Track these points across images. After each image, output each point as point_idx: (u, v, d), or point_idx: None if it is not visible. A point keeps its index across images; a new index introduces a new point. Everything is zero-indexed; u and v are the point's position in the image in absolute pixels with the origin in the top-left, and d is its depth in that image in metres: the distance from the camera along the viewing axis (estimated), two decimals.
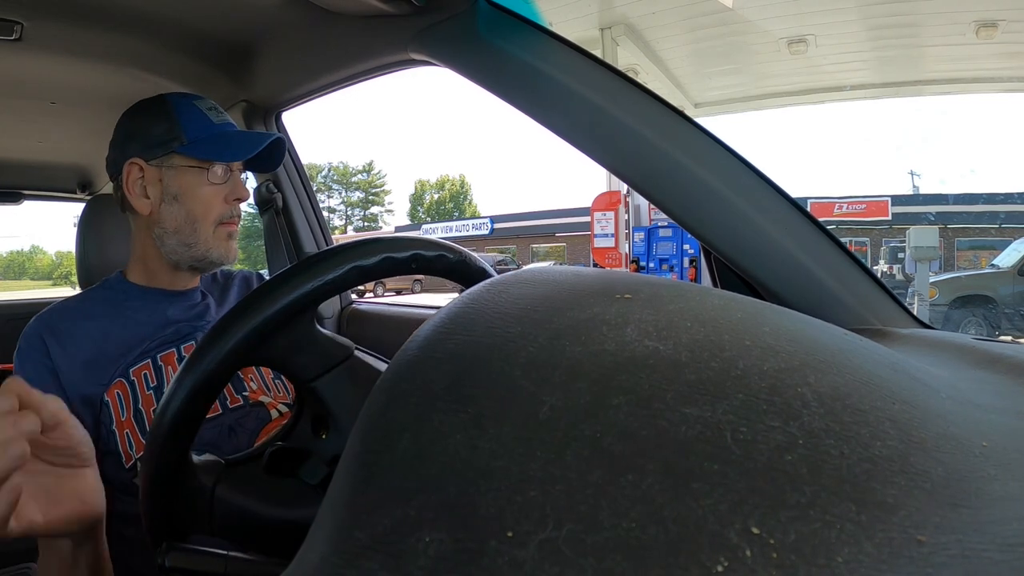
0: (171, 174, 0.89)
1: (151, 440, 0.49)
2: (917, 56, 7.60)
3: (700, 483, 0.22)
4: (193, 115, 0.91)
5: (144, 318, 0.92)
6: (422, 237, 0.56)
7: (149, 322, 0.92)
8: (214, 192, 0.91)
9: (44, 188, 2.16)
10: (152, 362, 0.88)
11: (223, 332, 0.48)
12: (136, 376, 0.87)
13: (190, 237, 0.90)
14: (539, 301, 0.32)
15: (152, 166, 0.90)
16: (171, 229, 0.90)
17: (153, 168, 0.90)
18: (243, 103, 1.36)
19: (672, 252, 7.43)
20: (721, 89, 8.89)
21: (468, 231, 25.17)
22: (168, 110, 0.91)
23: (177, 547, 0.51)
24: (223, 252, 0.93)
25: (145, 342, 0.90)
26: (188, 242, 0.91)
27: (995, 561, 0.20)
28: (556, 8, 6.69)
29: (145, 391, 0.86)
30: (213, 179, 0.90)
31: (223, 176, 0.91)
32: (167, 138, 0.89)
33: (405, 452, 0.25)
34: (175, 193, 0.89)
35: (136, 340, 0.89)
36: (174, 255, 0.92)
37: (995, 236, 14.55)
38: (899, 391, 0.29)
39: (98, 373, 0.86)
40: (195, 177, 0.89)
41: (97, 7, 1.03)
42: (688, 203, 0.71)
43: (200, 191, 0.90)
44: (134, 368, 0.87)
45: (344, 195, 41.58)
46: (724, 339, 0.29)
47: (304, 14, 1.01)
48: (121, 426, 0.84)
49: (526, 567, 0.20)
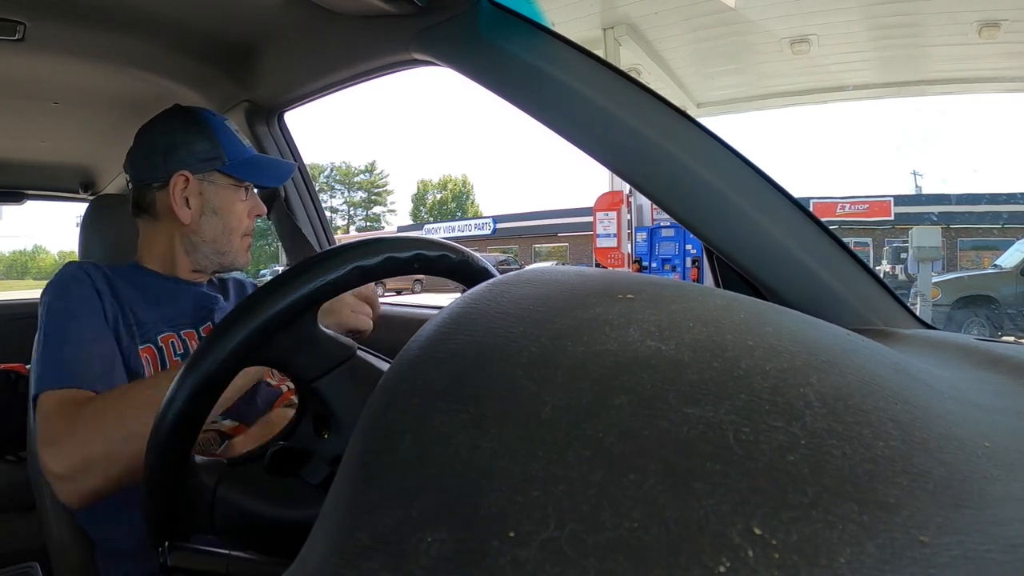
0: (211, 189, 0.98)
1: (153, 440, 0.49)
2: (919, 56, 7.58)
3: (702, 483, 0.22)
4: (230, 137, 1.01)
5: (165, 298, 0.99)
6: (424, 237, 0.56)
7: (170, 302, 0.98)
8: (243, 209, 1.02)
9: (46, 188, 2.16)
10: (177, 335, 0.95)
11: (225, 332, 0.48)
12: (164, 343, 0.94)
13: (224, 247, 1.01)
14: (541, 301, 0.32)
15: (196, 179, 0.98)
16: (208, 239, 1.00)
17: (197, 182, 0.98)
18: (245, 103, 1.37)
19: (674, 252, 7.43)
20: (723, 89, 8.88)
21: (470, 231, 25.16)
22: (208, 129, 0.99)
23: (179, 547, 0.51)
24: (245, 260, 1.05)
25: (168, 317, 0.96)
26: (222, 251, 1.01)
27: (997, 562, 0.20)
28: (558, 8, 6.69)
29: (173, 357, 0.93)
30: (243, 197, 1.01)
31: (247, 195, 1.03)
32: (211, 156, 0.98)
33: (407, 452, 0.25)
34: (215, 207, 0.99)
35: (159, 315, 0.95)
36: (204, 260, 1.01)
37: (998, 236, 14.51)
38: (901, 391, 0.29)
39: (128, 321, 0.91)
40: (233, 194, 1.00)
41: (99, 8, 1.03)
42: (690, 203, 0.71)
43: (235, 207, 1.00)
44: (162, 336, 0.94)
45: (347, 195, 41.62)
46: (726, 339, 0.29)
47: (306, 14, 1.01)
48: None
49: (528, 567, 0.20)
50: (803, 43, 7.30)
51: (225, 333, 0.48)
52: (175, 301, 0.98)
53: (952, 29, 6.72)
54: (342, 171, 41.58)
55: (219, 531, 0.52)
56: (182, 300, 0.99)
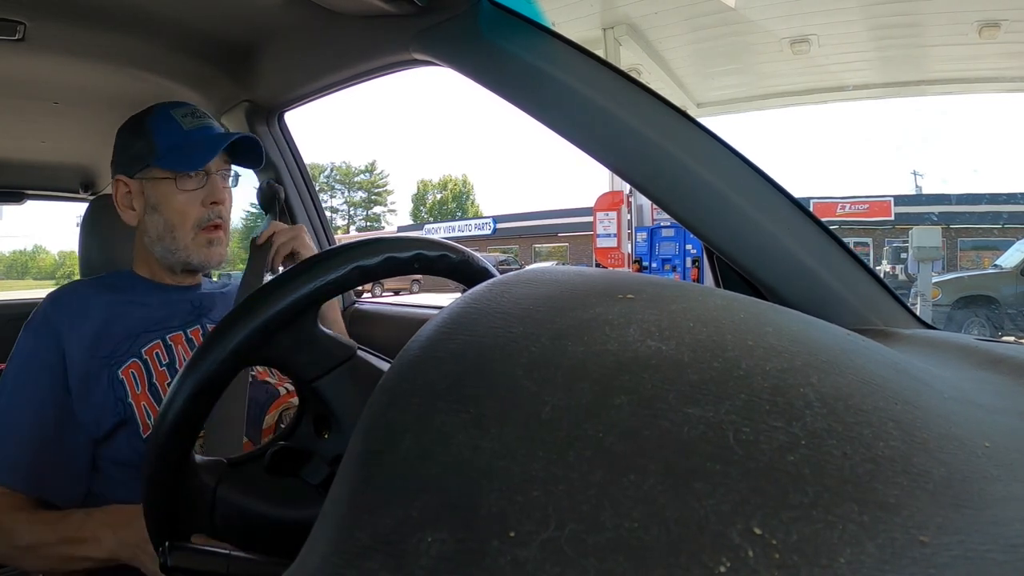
0: (150, 186, 0.95)
1: (153, 440, 0.49)
2: (920, 56, 7.58)
3: (702, 483, 0.22)
4: (165, 126, 0.95)
5: (153, 302, 0.97)
6: (425, 237, 0.56)
7: (157, 306, 0.97)
8: (188, 199, 0.95)
9: (46, 188, 2.16)
10: (162, 342, 0.94)
11: (225, 332, 0.48)
12: (148, 355, 0.92)
13: (171, 244, 0.96)
14: (541, 301, 0.32)
15: (135, 180, 0.96)
16: (155, 238, 0.97)
17: (136, 182, 0.96)
18: (245, 103, 1.37)
19: (674, 252, 7.44)
20: (724, 89, 8.88)
21: (470, 231, 25.14)
22: (145, 125, 0.96)
23: (179, 547, 0.51)
24: (204, 257, 0.97)
25: (153, 324, 0.95)
26: (170, 248, 0.96)
27: (998, 562, 0.20)
28: (558, 8, 6.68)
29: (159, 368, 0.92)
30: (185, 187, 0.94)
31: (198, 182, 0.95)
32: (144, 152, 0.95)
33: (407, 452, 0.25)
34: (154, 204, 0.95)
35: (145, 323, 0.94)
36: (164, 260, 0.98)
37: (998, 236, 14.51)
38: (901, 391, 0.29)
39: (106, 347, 0.90)
40: (168, 187, 0.94)
41: (99, 8, 1.03)
42: (690, 203, 0.71)
43: (174, 200, 0.94)
44: (146, 348, 0.92)
45: (347, 195, 41.58)
46: (727, 339, 0.29)
47: (306, 14, 1.01)
48: (138, 399, 0.89)
49: (528, 567, 0.20)
50: (803, 43, 7.29)
51: (225, 333, 0.48)
52: (162, 305, 0.97)
53: (952, 29, 6.72)
54: (342, 171, 41.56)
55: (219, 531, 0.52)
56: (169, 304, 0.98)
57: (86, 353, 0.89)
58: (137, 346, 0.92)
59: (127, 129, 0.99)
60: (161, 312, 0.96)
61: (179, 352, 0.94)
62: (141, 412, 0.88)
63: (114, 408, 0.87)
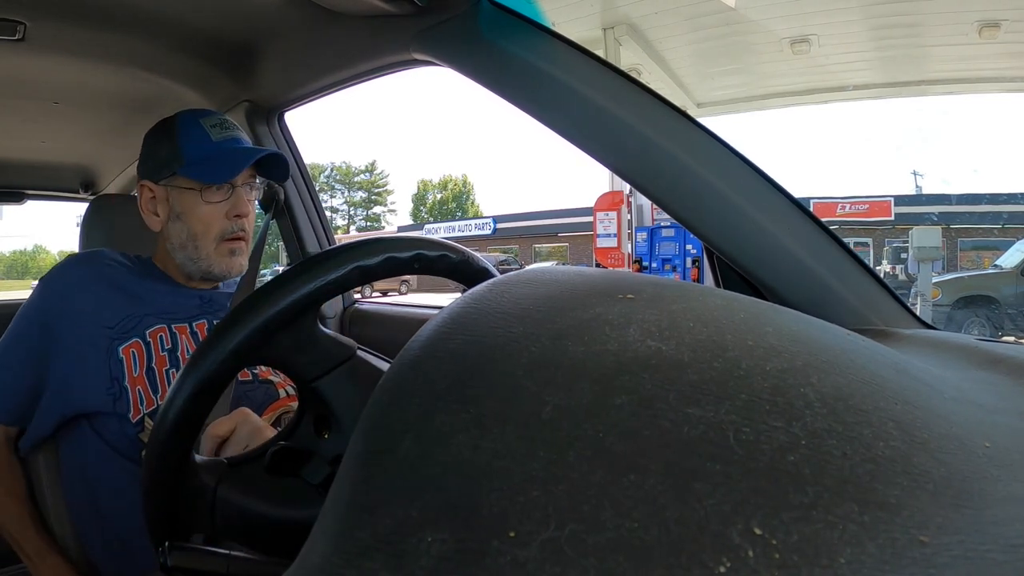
0: (175, 194, 0.96)
1: (153, 439, 0.49)
2: (920, 56, 7.58)
3: (702, 483, 0.22)
4: (194, 134, 0.95)
5: (164, 289, 0.98)
6: (425, 237, 0.56)
7: (167, 295, 0.98)
8: (212, 210, 0.95)
9: (47, 188, 2.16)
10: (167, 327, 0.94)
11: (225, 332, 0.48)
12: (152, 337, 0.92)
13: (193, 253, 0.97)
14: (541, 301, 0.32)
15: (161, 186, 0.96)
16: (177, 245, 0.97)
17: (161, 188, 0.96)
18: (245, 103, 1.37)
19: (674, 252, 7.43)
20: (724, 89, 8.87)
21: (471, 231, 25.14)
22: (173, 131, 0.96)
23: (179, 547, 0.51)
24: (225, 266, 0.98)
25: (160, 311, 0.95)
26: (192, 257, 0.97)
27: (998, 562, 0.20)
28: (558, 8, 6.68)
29: (159, 352, 0.92)
30: (210, 198, 0.95)
31: (223, 194, 0.96)
32: (170, 160, 0.94)
33: (407, 452, 0.25)
34: (179, 212, 0.96)
35: (151, 307, 0.95)
36: (184, 267, 0.99)
37: (998, 236, 14.50)
38: (902, 392, 0.29)
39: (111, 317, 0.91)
40: (193, 197, 0.95)
41: (100, 7, 1.03)
42: (690, 203, 0.71)
43: (199, 210, 0.95)
44: (151, 330, 0.93)
45: (347, 195, 41.58)
46: (727, 339, 0.29)
47: (306, 14, 1.01)
48: (133, 382, 0.89)
49: (528, 567, 0.20)
50: (803, 43, 7.29)
51: (225, 333, 0.48)
52: (174, 299, 0.98)
53: (952, 29, 6.72)
54: (342, 171, 41.55)
55: (219, 531, 0.52)
56: (178, 299, 0.98)
57: (91, 317, 0.90)
58: (143, 326, 0.92)
59: (154, 135, 0.99)
60: (168, 303, 0.97)
61: (182, 341, 0.94)
62: (134, 395, 0.88)
63: (108, 387, 0.88)
